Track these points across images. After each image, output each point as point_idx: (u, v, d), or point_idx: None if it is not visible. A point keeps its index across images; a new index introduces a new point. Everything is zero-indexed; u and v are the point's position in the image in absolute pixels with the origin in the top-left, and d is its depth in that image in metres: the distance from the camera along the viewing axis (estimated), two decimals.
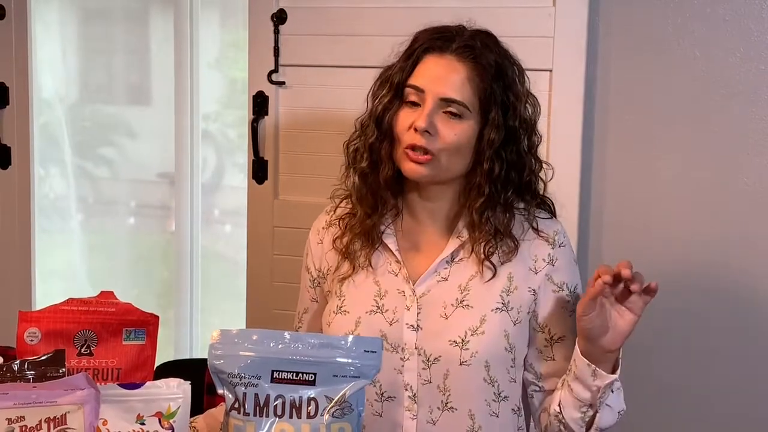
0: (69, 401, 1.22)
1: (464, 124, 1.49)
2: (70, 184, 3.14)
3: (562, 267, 1.57)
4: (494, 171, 1.51)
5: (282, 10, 2.39)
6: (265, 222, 2.47)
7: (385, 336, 1.53)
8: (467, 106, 1.49)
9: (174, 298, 3.08)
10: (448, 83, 1.49)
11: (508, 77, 1.53)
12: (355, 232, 1.59)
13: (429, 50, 1.52)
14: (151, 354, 1.44)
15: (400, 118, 1.52)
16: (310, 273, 1.69)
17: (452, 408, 1.52)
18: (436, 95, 1.48)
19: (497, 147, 1.50)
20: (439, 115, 1.49)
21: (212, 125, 3.08)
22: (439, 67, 1.50)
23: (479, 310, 1.52)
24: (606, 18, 2.20)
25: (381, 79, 1.57)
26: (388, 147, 1.54)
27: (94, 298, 1.43)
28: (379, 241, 1.59)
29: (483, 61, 1.50)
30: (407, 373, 1.53)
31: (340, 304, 1.59)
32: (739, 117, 2.15)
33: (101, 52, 3.15)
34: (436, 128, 1.48)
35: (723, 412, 2.22)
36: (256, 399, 1.23)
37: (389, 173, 1.54)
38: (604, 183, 2.26)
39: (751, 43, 2.12)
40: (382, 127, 1.53)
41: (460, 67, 1.49)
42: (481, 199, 1.52)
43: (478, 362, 1.50)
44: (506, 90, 1.52)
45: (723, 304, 2.20)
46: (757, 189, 2.15)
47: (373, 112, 1.55)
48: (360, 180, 1.58)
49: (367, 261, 1.58)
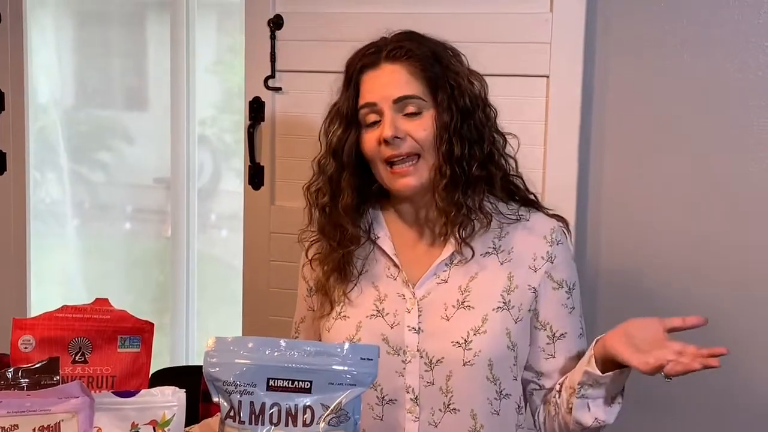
0: (63, 409, 1.21)
1: (426, 118, 1.51)
2: (66, 189, 3.14)
3: (561, 264, 1.58)
4: (454, 152, 1.51)
5: (278, 15, 2.38)
6: (261, 228, 2.47)
7: (387, 339, 1.53)
8: (421, 97, 1.51)
9: (170, 303, 3.07)
10: (393, 85, 1.51)
11: (444, 59, 1.55)
12: (328, 270, 1.60)
13: (364, 68, 1.55)
14: (145, 361, 1.44)
15: (366, 140, 1.54)
16: (306, 282, 1.69)
17: (455, 409, 1.51)
18: (388, 100, 1.50)
19: (453, 128, 1.51)
20: (400, 119, 1.50)
21: (209, 130, 3.08)
22: (380, 76, 1.53)
23: (480, 310, 1.52)
24: (603, 23, 2.20)
25: (329, 117, 1.59)
26: (348, 177, 1.55)
27: (89, 306, 1.42)
28: (372, 247, 1.60)
29: (416, 54, 1.52)
30: (409, 375, 1.52)
31: (340, 310, 1.59)
32: (735, 121, 2.15)
33: (97, 56, 3.15)
34: (403, 131, 1.50)
35: (723, 410, 2.22)
36: (251, 407, 1.23)
37: (348, 201, 1.56)
38: (601, 188, 2.26)
39: (748, 49, 2.12)
40: (340, 158, 1.55)
41: (398, 67, 1.52)
42: (444, 180, 1.51)
43: (481, 362, 1.50)
44: (446, 71, 1.53)
45: (723, 304, 2.20)
46: (755, 191, 2.15)
47: (328, 146, 1.57)
48: (321, 214, 1.60)
49: (346, 297, 1.58)
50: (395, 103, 1.50)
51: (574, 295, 1.59)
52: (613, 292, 2.28)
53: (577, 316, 1.60)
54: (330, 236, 1.58)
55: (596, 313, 2.26)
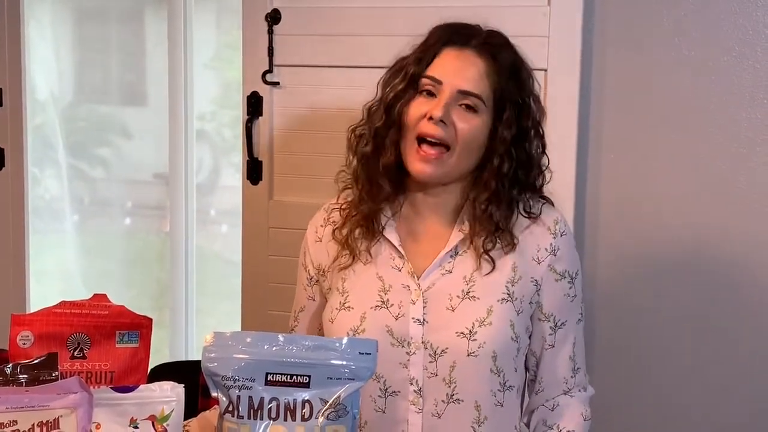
0: (62, 405, 1.21)
1: (478, 119, 1.51)
2: (65, 185, 3.14)
3: (564, 256, 1.58)
4: (503, 168, 1.52)
5: (276, 10, 2.38)
6: (259, 223, 2.47)
7: (391, 331, 1.52)
8: (483, 100, 1.50)
9: (169, 298, 3.07)
10: (467, 76, 1.50)
11: (523, 77, 1.56)
12: (355, 220, 1.59)
13: (448, 44, 1.53)
14: (144, 357, 1.43)
15: (413, 107, 1.52)
16: (307, 271, 1.68)
17: (458, 400, 1.51)
18: (453, 87, 1.49)
19: (509, 145, 1.52)
20: (454, 107, 1.50)
21: (207, 125, 3.08)
22: (459, 60, 1.52)
23: (486, 301, 1.52)
24: (601, 17, 2.20)
25: (394, 68, 1.57)
26: (394, 135, 1.54)
27: (87, 301, 1.42)
28: (380, 234, 1.58)
29: (500, 59, 1.52)
30: (413, 367, 1.52)
31: (344, 300, 1.58)
32: (734, 116, 2.15)
33: (95, 52, 3.15)
34: (451, 119, 1.49)
35: (721, 407, 2.22)
36: (250, 402, 1.23)
37: (390, 159, 1.54)
38: (600, 182, 2.26)
39: (746, 42, 2.12)
40: (392, 114, 1.53)
41: (479, 61, 1.51)
42: (486, 193, 1.53)
43: (485, 353, 1.50)
44: (520, 89, 1.54)
45: (722, 303, 2.20)
46: (753, 188, 2.15)
47: (383, 99, 1.55)
48: (360, 164, 1.58)
49: (368, 253, 1.58)
50: (459, 92, 1.50)
51: (577, 283, 1.60)
52: (611, 286, 2.28)
53: (578, 303, 1.61)
54: (364, 188, 1.57)
55: (594, 309, 2.27)
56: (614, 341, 2.28)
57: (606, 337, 2.28)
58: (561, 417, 1.59)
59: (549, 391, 1.60)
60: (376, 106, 1.58)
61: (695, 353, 2.23)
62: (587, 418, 1.60)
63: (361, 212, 1.58)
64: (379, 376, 1.50)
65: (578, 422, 1.59)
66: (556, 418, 1.59)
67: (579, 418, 1.59)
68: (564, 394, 1.60)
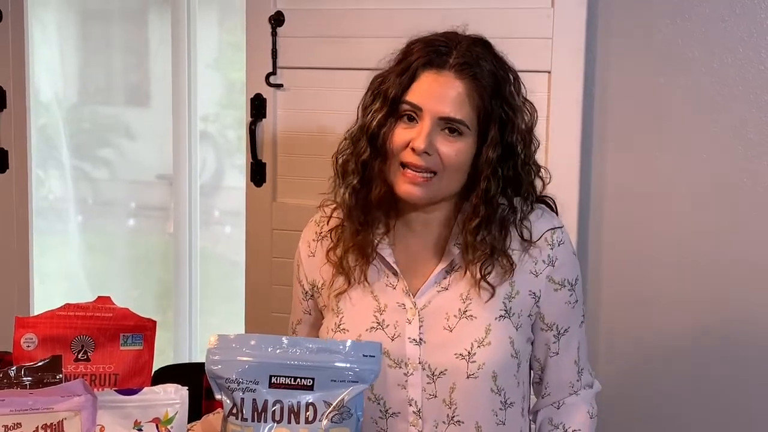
0: (66, 407, 1.21)
1: (462, 143, 1.46)
2: (69, 185, 3.14)
3: (562, 265, 1.55)
4: (490, 191, 1.47)
5: (279, 12, 2.38)
6: (263, 224, 2.47)
7: (388, 352, 1.49)
8: (467, 124, 1.45)
9: (173, 300, 3.07)
10: (447, 101, 1.44)
11: (506, 90, 1.49)
12: (348, 245, 1.55)
13: (426, 66, 1.47)
14: (148, 359, 1.44)
15: (396, 135, 1.47)
16: (302, 285, 1.66)
17: (459, 421, 1.49)
18: (434, 114, 1.44)
19: (495, 165, 1.47)
20: (437, 133, 1.45)
21: (211, 126, 3.08)
22: (438, 84, 1.45)
23: (483, 320, 1.49)
24: (604, 19, 2.20)
25: (373, 91, 1.52)
26: (381, 165, 1.49)
27: (91, 304, 1.42)
28: (373, 254, 1.55)
29: (481, 78, 1.46)
30: (411, 388, 1.50)
31: (339, 322, 1.55)
32: (738, 117, 2.15)
33: (99, 53, 3.15)
34: (435, 148, 1.44)
35: (722, 405, 2.22)
36: (254, 404, 1.23)
37: (381, 192, 1.50)
38: (604, 184, 2.25)
39: (749, 43, 2.12)
40: (376, 144, 1.48)
41: (459, 84, 1.45)
42: (476, 220, 1.48)
43: (485, 374, 1.48)
44: (504, 105, 1.48)
45: (722, 303, 2.20)
46: (756, 188, 2.15)
47: (365, 128, 1.50)
48: (350, 196, 1.53)
49: (363, 276, 1.55)
50: (440, 119, 1.44)
51: (577, 288, 1.57)
52: (614, 287, 2.28)
53: (579, 307, 1.59)
54: (357, 220, 1.53)
55: (599, 309, 2.27)
56: (618, 338, 2.28)
57: (610, 334, 2.28)
58: (567, 416, 1.58)
59: (556, 395, 1.59)
60: (358, 134, 1.52)
61: (698, 350, 2.23)
62: (593, 415, 1.59)
63: (357, 241, 1.54)
64: (378, 397, 1.49)
65: (584, 421, 1.57)
66: (562, 416, 1.58)
67: (585, 417, 1.58)
68: (570, 395, 1.60)
